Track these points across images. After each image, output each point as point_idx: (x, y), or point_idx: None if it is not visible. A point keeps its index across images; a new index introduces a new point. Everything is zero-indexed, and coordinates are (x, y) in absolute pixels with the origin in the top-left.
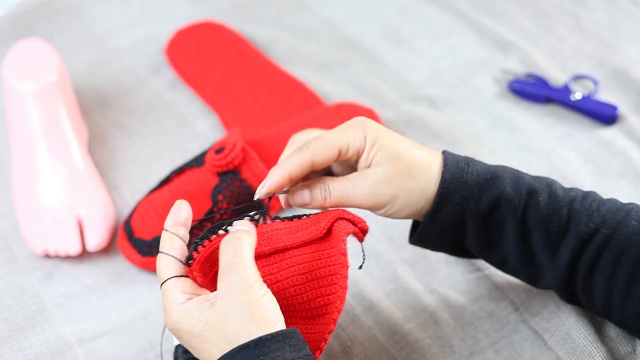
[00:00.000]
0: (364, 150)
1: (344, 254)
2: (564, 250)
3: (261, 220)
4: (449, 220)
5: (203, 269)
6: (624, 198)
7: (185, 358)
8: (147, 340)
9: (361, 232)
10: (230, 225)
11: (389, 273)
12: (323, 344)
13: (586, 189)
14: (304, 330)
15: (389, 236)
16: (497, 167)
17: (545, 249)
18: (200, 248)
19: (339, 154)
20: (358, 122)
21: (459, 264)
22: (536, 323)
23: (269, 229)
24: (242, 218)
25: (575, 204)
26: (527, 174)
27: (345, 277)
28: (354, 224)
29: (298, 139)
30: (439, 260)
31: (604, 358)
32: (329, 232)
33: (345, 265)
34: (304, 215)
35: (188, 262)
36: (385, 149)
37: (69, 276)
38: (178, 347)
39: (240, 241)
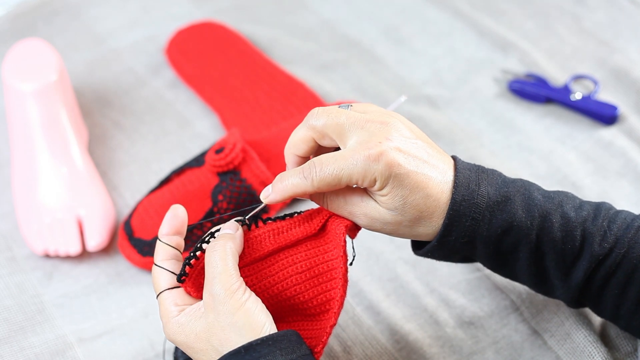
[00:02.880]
0: (372, 187)
1: (343, 248)
2: (577, 272)
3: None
4: (458, 244)
5: (196, 284)
6: (624, 198)
7: (185, 358)
8: (147, 340)
9: (355, 228)
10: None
11: (389, 273)
12: (325, 338)
13: (586, 189)
14: (308, 326)
15: (389, 236)
16: (508, 185)
17: (558, 270)
18: (193, 262)
19: (346, 185)
20: (371, 159)
21: (459, 264)
22: (536, 323)
23: (262, 231)
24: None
25: (587, 224)
26: (538, 192)
27: (345, 271)
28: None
29: (315, 125)
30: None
31: (604, 358)
32: (323, 228)
33: (344, 259)
34: (296, 213)
35: (180, 278)
36: (394, 196)
37: (69, 276)
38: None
39: (222, 249)
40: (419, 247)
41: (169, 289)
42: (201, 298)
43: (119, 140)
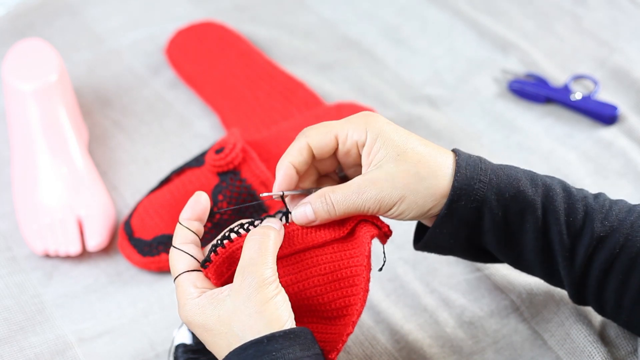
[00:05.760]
0: (364, 143)
1: (368, 257)
2: (579, 248)
3: (283, 220)
4: (467, 211)
5: (218, 271)
6: (624, 198)
7: (185, 358)
8: (147, 340)
9: (384, 236)
10: (253, 225)
11: (389, 273)
12: (340, 345)
13: (586, 189)
14: (322, 329)
15: (395, 233)
16: (508, 165)
17: (562, 247)
18: (220, 250)
19: (337, 141)
20: (361, 115)
21: (459, 264)
22: (536, 323)
23: (290, 229)
24: (274, 216)
25: (589, 200)
26: (537, 172)
27: (368, 280)
28: (378, 227)
29: (309, 133)
30: (439, 260)
31: (604, 358)
32: (351, 232)
33: (368, 268)
34: None
35: (204, 264)
36: (389, 145)
37: (69, 276)
38: (178, 347)
39: (267, 239)
40: (421, 238)
41: (187, 271)
42: (219, 286)
43: (119, 140)
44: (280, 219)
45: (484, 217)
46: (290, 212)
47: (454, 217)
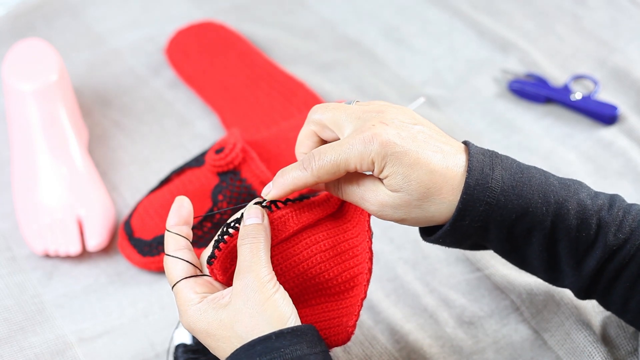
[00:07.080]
0: (373, 170)
1: (368, 223)
2: (590, 261)
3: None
4: (472, 228)
5: (223, 266)
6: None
7: (185, 358)
8: (147, 340)
9: None
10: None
11: (389, 273)
12: (358, 310)
13: None
14: (333, 307)
15: (389, 236)
16: (523, 171)
17: (571, 258)
18: (222, 245)
19: (346, 171)
20: (366, 141)
21: (459, 264)
22: (536, 323)
23: (286, 212)
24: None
25: (603, 212)
26: (554, 178)
27: (369, 247)
28: None
29: (315, 119)
30: (439, 261)
31: (604, 358)
32: (341, 208)
33: (368, 236)
34: (311, 195)
35: (210, 260)
36: (395, 175)
37: (69, 276)
38: (178, 347)
39: (257, 241)
40: (429, 234)
41: (185, 278)
42: (225, 282)
43: (119, 140)
44: (270, 206)
45: (489, 231)
46: (280, 200)
47: (457, 232)
